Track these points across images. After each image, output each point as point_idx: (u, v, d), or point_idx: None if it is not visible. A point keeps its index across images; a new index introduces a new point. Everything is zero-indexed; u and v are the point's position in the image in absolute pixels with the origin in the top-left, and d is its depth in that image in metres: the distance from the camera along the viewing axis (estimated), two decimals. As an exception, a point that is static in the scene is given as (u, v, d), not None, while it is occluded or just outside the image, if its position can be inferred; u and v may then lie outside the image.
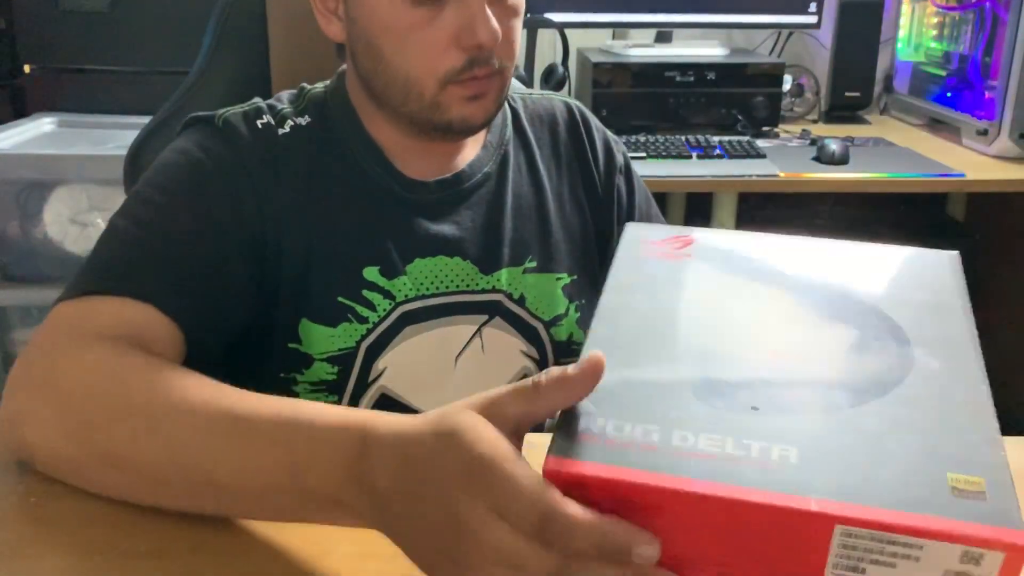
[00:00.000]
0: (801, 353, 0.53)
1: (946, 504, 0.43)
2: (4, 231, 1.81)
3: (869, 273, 0.60)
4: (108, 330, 0.68)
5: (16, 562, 0.58)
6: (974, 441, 0.47)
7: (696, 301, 0.57)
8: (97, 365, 0.64)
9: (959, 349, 0.54)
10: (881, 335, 0.54)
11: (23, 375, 0.67)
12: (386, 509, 0.51)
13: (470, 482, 0.46)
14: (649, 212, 1.01)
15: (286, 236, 0.82)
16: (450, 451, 0.47)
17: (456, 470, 0.46)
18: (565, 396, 0.48)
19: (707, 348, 0.53)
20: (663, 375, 0.50)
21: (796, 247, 0.64)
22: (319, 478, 0.53)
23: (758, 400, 0.49)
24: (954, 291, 0.58)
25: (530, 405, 0.48)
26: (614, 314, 0.55)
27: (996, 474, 0.45)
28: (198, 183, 0.80)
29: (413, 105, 0.82)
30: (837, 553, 0.43)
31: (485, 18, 0.77)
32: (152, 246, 0.75)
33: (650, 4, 2.09)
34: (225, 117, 0.84)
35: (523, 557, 0.45)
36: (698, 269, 0.60)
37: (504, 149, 0.93)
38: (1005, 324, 2.30)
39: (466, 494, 0.46)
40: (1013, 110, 1.85)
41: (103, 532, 0.60)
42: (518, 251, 0.91)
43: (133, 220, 0.77)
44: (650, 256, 0.60)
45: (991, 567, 0.42)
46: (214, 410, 0.59)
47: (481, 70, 0.79)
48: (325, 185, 0.86)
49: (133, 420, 0.60)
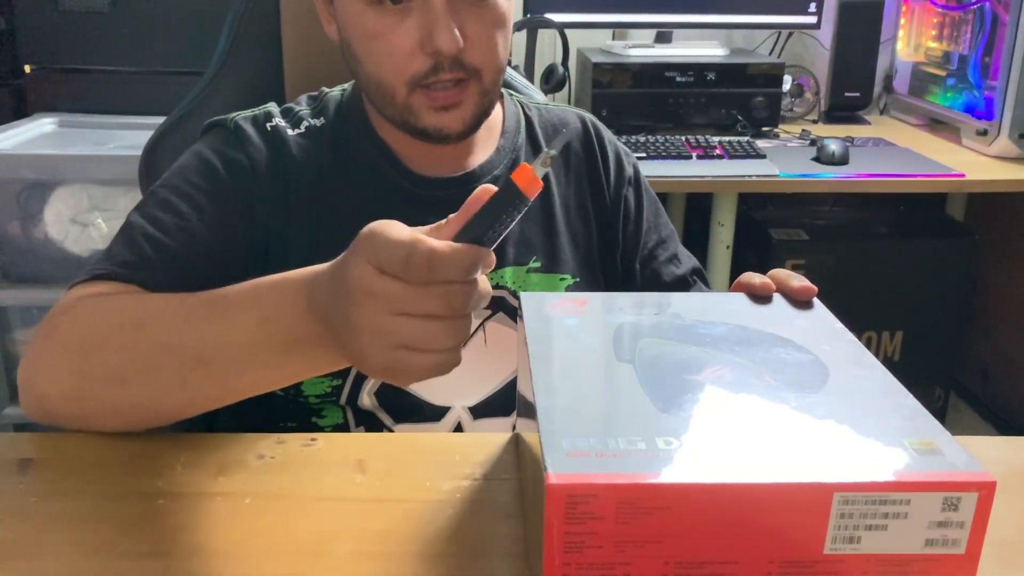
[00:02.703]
0: (731, 364, 0.59)
1: (919, 462, 0.49)
2: (5, 231, 1.81)
3: (748, 312, 0.68)
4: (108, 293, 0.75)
5: (16, 562, 0.58)
6: (907, 414, 0.54)
7: (612, 337, 0.63)
8: (89, 305, 0.72)
9: (853, 349, 0.61)
10: (788, 348, 0.61)
11: (33, 340, 0.73)
12: (329, 320, 0.59)
13: (356, 248, 0.57)
14: (657, 222, 1.02)
15: (294, 231, 0.86)
16: (351, 245, 0.58)
17: (351, 249, 0.57)
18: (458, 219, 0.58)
19: (646, 372, 0.58)
20: (619, 397, 0.55)
21: (679, 299, 0.71)
22: (284, 321, 0.63)
23: (715, 405, 0.54)
24: (822, 315, 0.67)
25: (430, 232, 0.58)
26: (547, 358, 0.59)
27: (940, 435, 0.51)
28: (211, 186, 0.84)
29: (389, 109, 0.85)
30: (836, 524, 0.47)
31: (445, 25, 0.78)
32: (164, 243, 0.80)
33: (650, 4, 2.10)
34: (236, 121, 0.89)
35: (396, 296, 0.54)
36: (602, 316, 0.67)
37: (516, 154, 0.95)
38: (1004, 324, 2.30)
39: (354, 257, 0.56)
40: (1012, 110, 1.85)
41: (103, 532, 0.61)
42: (522, 251, 0.92)
43: (149, 219, 0.81)
44: (554, 313, 0.66)
45: (967, 510, 0.47)
46: (191, 301, 0.68)
47: (448, 74, 0.81)
48: (336, 183, 0.89)
49: (124, 332, 0.69)
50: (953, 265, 2.15)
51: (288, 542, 0.60)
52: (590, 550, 0.47)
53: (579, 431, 0.50)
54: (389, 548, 0.59)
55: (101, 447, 0.72)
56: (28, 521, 0.62)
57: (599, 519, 0.46)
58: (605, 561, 0.48)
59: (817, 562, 0.48)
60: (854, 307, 1.67)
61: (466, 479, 0.67)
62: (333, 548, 0.59)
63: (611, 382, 0.57)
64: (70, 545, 0.60)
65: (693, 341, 0.62)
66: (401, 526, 0.62)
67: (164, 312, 0.68)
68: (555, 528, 0.47)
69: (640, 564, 0.48)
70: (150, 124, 1.14)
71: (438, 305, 0.55)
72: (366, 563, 0.58)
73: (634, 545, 0.47)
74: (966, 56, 2.05)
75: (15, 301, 1.85)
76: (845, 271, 2.09)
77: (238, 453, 0.70)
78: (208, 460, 0.69)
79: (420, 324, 0.55)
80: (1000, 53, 1.89)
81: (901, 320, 2.15)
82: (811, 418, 0.53)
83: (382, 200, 0.89)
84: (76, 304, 0.72)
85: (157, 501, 0.64)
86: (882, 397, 0.56)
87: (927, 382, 2.22)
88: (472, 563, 0.58)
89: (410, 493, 0.65)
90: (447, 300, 0.55)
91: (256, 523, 0.62)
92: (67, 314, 0.72)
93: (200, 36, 1.09)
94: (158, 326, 0.68)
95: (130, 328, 0.69)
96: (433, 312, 0.55)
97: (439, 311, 0.55)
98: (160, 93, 1.86)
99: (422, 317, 0.55)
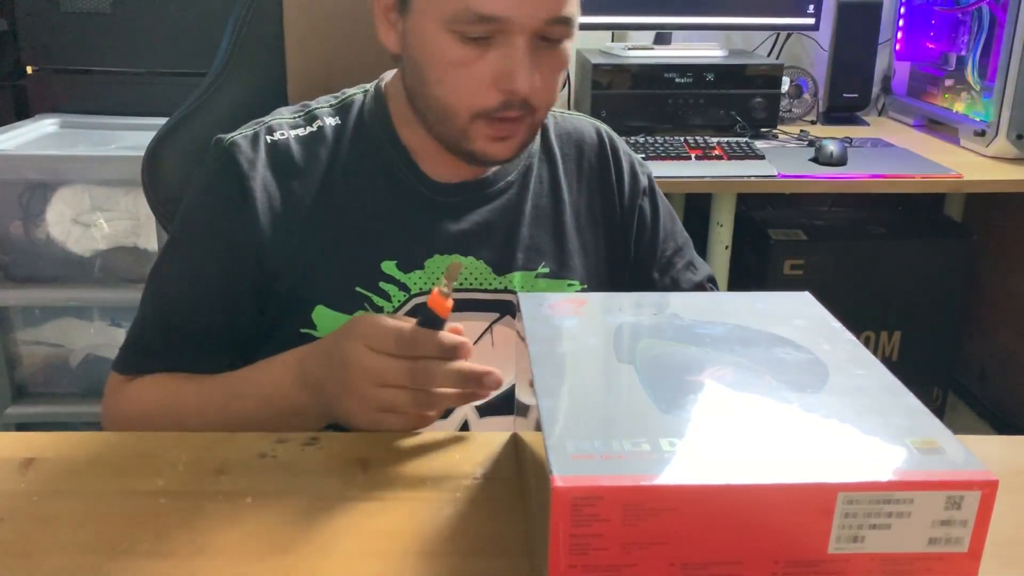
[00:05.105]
0: (731, 364, 0.59)
1: (921, 461, 0.49)
2: (7, 231, 1.81)
3: (747, 312, 0.68)
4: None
5: (18, 560, 0.58)
6: (909, 413, 0.54)
7: (612, 338, 0.63)
8: (125, 407, 0.89)
9: (852, 349, 0.62)
10: (788, 348, 0.61)
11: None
12: (321, 390, 0.76)
13: (349, 330, 0.73)
14: (673, 229, 1.03)
15: (301, 231, 0.88)
16: (343, 327, 0.75)
17: (342, 330, 0.74)
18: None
19: (647, 372, 0.58)
20: (621, 398, 0.55)
21: (677, 299, 0.72)
22: (283, 398, 0.79)
23: (717, 406, 0.54)
24: (821, 315, 0.68)
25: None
26: (547, 359, 0.60)
27: (942, 434, 0.51)
28: (211, 229, 0.88)
29: (443, 129, 0.85)
30: (840, 524, 0.47)
31: (526, 67, 0.79)
32: (182, 327, 0.89)
33: (649, 6, 2.10)
34: (233, 139, 0.89)
35: (384, 370, 0.70)
36: (602, 316, 0.67)
37: (530, 161, 0.96)
38: (1002, 324, 2.31)
39: (347, 339, 0.73)
40: (1010, 111, 1.85)
41: (105, 531, 0.61)
42: (532, 257, 0.93)
43: (160, 297, 0.90)
44: (553, 314, 0.67)
45: (970, 508, 0.47)
46: (211, 390, 0.85)
47: (513, 112, 0.82)
48: (349, 181, 0.90)
49: (155, 419, 0.86)
50: (951, 265, 2.15)
51: (289, 541, 0.60)
52: (596, 552, 0.47)
53: (583, 433, 0.50)
54: (389, 547, 0.60)
55: (102, 447, 0.73)
56: (30, 520, 0.63)
57: (605, 521, 0.47)
58: (611, 563, 0.48)
59: (821, 562, 0.48)
60: (852, 307, 1.67)
61: (466, 479, 0.68)
62: (333, 547, 0.60)
63: (612, 383, 0.57)
64: (72, 544, 0.60)
65: (693, 341, 0.62)
66: (401, 525, 0.62)
67: (188, 404, 0.85)
68: (561, 530, 0.47)
69: (645, 565, 0.48)
70: (152, 125, 1.15)
71: (408, 379, 0.70)
72: (366, 562, 0.58)
73: (639, 546, 0.47)
74: (964, 57, 2.05)
75: (17, 301, 1.85)
76: (843, 271, 2.10)
77: (239, 452, 0.71)
78: (209, 459, 0.70)
79: (395, 393, 0.71)
80: (998, 54, 1.89)
81: (899, 320, 2.16)
82: (813, 418, 0.53)
83: (395, 202, 0.90)
84: (116, 404, 0.89)
85: (158, 500, 0.65)
86: (883, 396, 0.56)
87: (925, 382, 2.22)
88: (472, 562, 0.59)
89: (410, 492, 0.66)
90: (414, 375, 0.70)
91: (257, 522, 0.62)
92: (110, 411, 0.90)
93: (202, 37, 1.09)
94: (184, 416, 0.84)
95: (158, 416, 0.86)
96: (403, 384, 0.70)
97: (408, 383, 0.70)
98: (162, 94, 1.87)
99: (397, 388, 0.71)
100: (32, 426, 1.90)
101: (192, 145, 1.03)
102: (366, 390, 0.71)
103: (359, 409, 0.73)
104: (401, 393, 0.71)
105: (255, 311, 0.89)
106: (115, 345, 1.01)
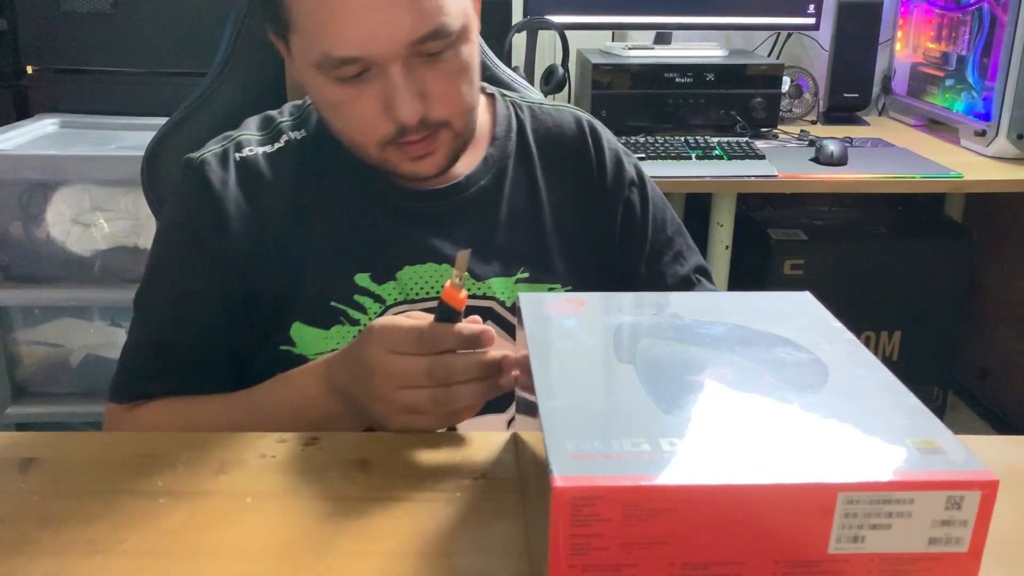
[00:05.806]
0: (731, 364, 0.59)
1: (922, 461, 0.49)
2: (7, 231, 1.81)
3: (747, 312, 0.68)
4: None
5: (18, 560, 0.58)
6: (909, 413, 0.54)
7: (612, 338, 0.63)
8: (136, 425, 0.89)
9: (852, 349, 0.62)
10: (788, 348, 0.61)
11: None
12: (351, 396, 0.76)
13: (369, 335, 0.73)
14: (664, 218, 1.00)
15: (275, 249, 0.87)
16: (362, 333, 0.75)
17: (364, 336, 0.74)
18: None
19: (647, 372, 0.58)
20: (621, 398, 0.55)
21: (677, 299, 0.71)
22: (315, 408, 0.79)
23: (717, 406, 0.54)
24: (821, 315, 0.68)
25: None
26: (547, 359, 0.60)
27: (942, 434, 0.51)
28: (192, 249, 0.88)
29: (363, 158, 0.85)
30: (840, 524, 0.47)
31: (405, 94, 0.78)
32: (169, 342, 0.88)
33: (649, 6, 2.10)
34: (203, 158, 0.89)
35: (405, 371, 0.71)
36: (602, 316, 0.67)
37: (504, 163, 0.94)
38: (1002, 323, 2.31)
39: (369, 343, 0.72)
40: (1011, 111, 1.85)
41: (105, 530, 0.61)
42: (509, 262, 0.91)
43: (151, 320, 0.90)
44: (553, 314, 0.67)
45: (970, 509, 0.47)
46: (232, 407, 0.85)
47: (415, 135, 0.81)
48: (319, 194, 0.89)
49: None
50: (951, 265, 2.16)
51: (289, 541, 0.60)
52: (596, 552, 0.47)
53: (583, 433, 0.50)
54: (390, 547, 0.60)
55: (102, 446, 0.73)
56: (30, 520, 0.62)
57: (605, 521, 0.47)
58: (611, 563, 0.48)
59: (822, 562, 0.48)
60: (852, 307, 1.68)
61: (466, 479, 0.68)
62: (333, 547, 0.60)
63: (612, 383, 0.57)
64: (71, 544, 0.60)
65: (693, 341, 0.62)
66: (402, 525, 0.62)
67: (205, 425, 0.84)
68: (561, 530, 0.47)
69: (646, 565, 0.48)
70: (152, 125, 1.15)
71: (426, 377, 0.70)
72: (366, 562, 0.58)
73: (640, 546, 0.47)
74: (964, 57, 2.05)
75: (17, 301, 1.85)
76: (844, 271, 2.10)
77: (239, 452, 0.71)
78: (209, 459, 0.70)
79: (415, 393, 0.71)
80: (998, 54, 1.89)
81: (899, 320, 2.16)
82: (813, 418, 0.53)
83: (365, 213, 0.89)
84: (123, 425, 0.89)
85: (158, 500, 0.65)
86: (883, 396, 0.56)
87: (925, 382, 2.23)
88: (472, 563, 0.58)
89: (410, 492, 0.66)
90: (432, 373, 0.70)
91: (257, 522, 0.62)
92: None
93: (202, 37, 1.09)
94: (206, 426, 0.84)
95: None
96: (423, 383, 0.71)
97: (427, 382, 0.71)
98: (162, 94, 1.87)
99: (417, 388, 0.71)
100: (32, 426, 1.90)
101: (192, 145, 1.03)
102: (389, 393, 0.72)
103: (386, 413, 0.73)
104: (421, 393, 0.71)
105: (246, 325, 0.88)
106: (115, 345, 1.01)
